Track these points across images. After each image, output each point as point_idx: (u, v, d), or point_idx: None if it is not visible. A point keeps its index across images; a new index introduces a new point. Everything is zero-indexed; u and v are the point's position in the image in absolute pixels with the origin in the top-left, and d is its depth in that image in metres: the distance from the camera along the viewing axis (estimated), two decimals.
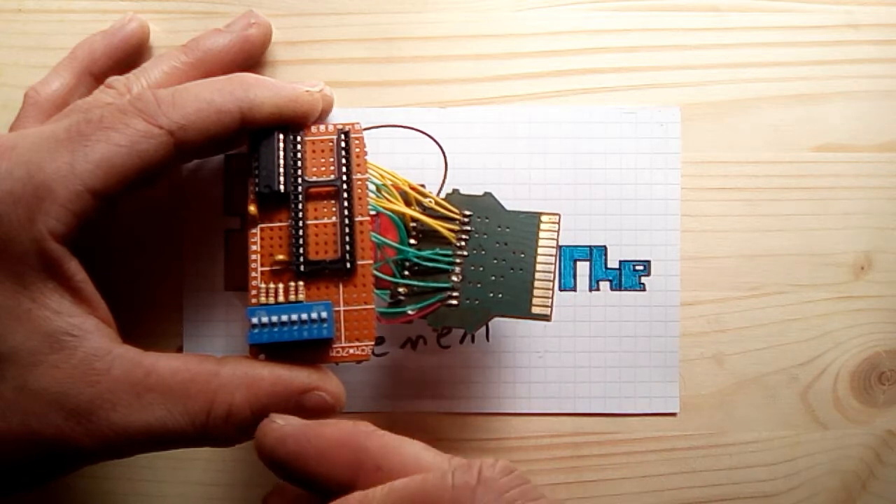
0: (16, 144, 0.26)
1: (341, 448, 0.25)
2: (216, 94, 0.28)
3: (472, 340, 0.34)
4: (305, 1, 0.34)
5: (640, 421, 0.34)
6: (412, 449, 0.26)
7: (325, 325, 0.28)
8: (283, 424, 0.26)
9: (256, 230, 0.29)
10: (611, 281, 0.34)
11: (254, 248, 0.29)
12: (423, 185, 0.31)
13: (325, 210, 0.29)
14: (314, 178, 0.29)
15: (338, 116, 0.33)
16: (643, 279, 0.34)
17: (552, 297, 0.30)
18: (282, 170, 0.29)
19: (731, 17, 0.34)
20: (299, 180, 0.29)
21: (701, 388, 0.34)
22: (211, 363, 0.27)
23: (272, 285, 0.28)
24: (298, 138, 0.29)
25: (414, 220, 0.30)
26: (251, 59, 0.33)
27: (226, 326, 0.34)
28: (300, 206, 0.29)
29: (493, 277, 0.30)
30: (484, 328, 0.34)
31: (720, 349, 0.34)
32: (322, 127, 0.30)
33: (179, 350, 0.34)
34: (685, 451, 0.34)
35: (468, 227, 0.30)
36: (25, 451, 0.25)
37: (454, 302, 0.30)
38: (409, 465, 0.25)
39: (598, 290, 0.34)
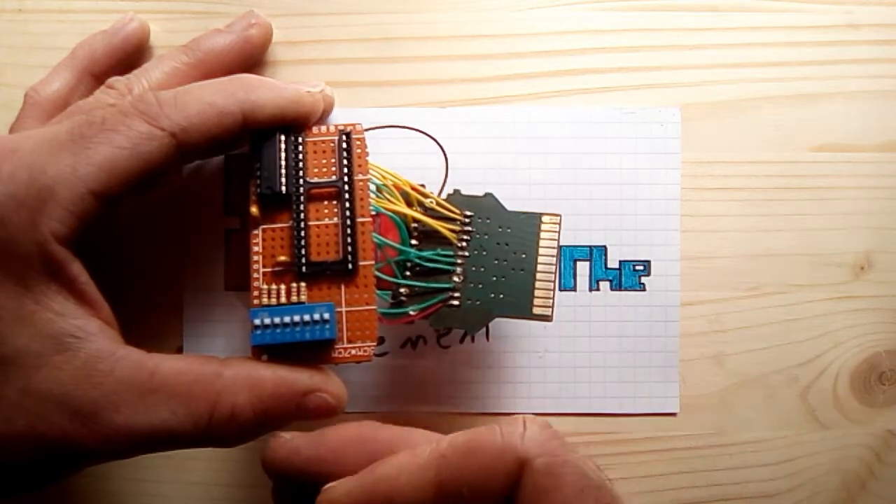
0: (17, 147, 0.26)
1: (356, 445, 0.27)
2: (218, 95, 0.28)
3: (472, 340, 0.34)
4: (305, 1, 0.34)
5: (640, 421, 0.34)
6: (421, 435, 0.27)
7: (328, 326, 0.28)
8: (290, 438, 0.27)
9: (258, 231, 0.29)
10: (611, 281, 0.34)
11: (255, 249, 0.29)
12: (423, 186, 0.31)
13: (327, 211, 0.29)
14: (315, 179, 0.29)
15: (338, 117, 0.33)
16: (643, 279, 0.34)
17: (553, 298, 0.30)
18: (283, 171, 0.29)
19: (731, 17, 0.34)
20: (300, 181, 0.29)
21: (701, 388, 0.34)
22: (214, 364, 0.27)
23: (274, 286, 0.28)
24: (300, 139, 0.29)
25: (415, 220, 0.30)
26: (252, 59, 0.33)
27: (226, 327, 0.34)
28: (301, 207, 0.29)
29: (495, 278, 0.30)
30: (484, 328, 0.34)
31: (720, 349, 0.34)
32: (323, 128, 0.30)
33: (179, 350, 0.34)
34: (685, 451, 0.34)
35: (469, 228, 0.30)
36: (30, 452, 0.25)
37: (455, 302, 0.30)
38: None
39: (598, 290, 0.34)
